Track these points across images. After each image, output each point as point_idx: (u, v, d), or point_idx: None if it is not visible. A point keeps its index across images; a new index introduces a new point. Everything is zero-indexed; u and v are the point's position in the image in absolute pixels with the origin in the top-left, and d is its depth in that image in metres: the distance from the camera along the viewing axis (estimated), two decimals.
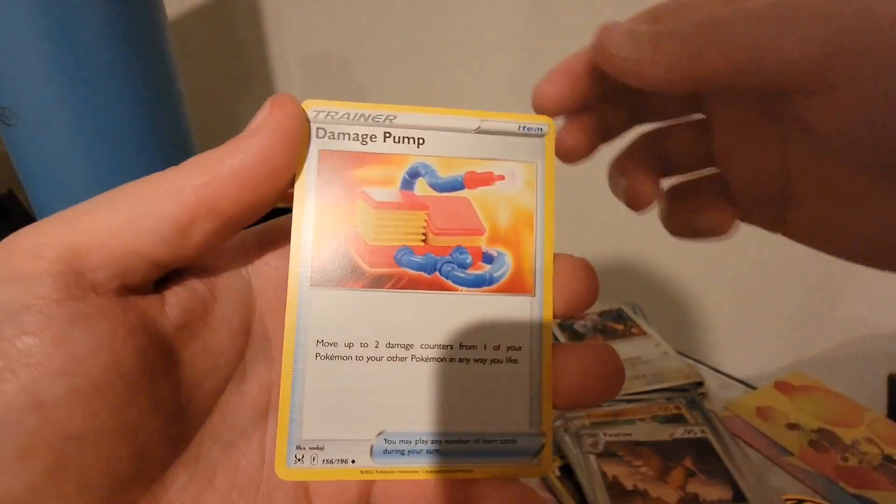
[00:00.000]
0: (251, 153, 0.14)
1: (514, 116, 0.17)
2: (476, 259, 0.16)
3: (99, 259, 0.13)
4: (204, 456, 0.15)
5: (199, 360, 0.15)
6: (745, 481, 0.40)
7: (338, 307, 0.16)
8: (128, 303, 0.13)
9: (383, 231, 0.16)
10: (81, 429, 0.12)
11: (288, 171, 0.15)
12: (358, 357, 0.16)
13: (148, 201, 0.13)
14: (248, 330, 0.16)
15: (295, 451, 0.15)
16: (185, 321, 0.14)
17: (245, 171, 0.14)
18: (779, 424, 0.49)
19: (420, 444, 0.16)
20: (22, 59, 0.52)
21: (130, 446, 0.13)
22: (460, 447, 0.16)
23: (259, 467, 0.16)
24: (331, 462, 0.16)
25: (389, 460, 0.16)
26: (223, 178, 0.14)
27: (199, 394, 0.15)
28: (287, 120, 0.14)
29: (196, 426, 0.15)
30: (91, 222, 0.13)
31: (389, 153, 0.16)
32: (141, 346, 0.13)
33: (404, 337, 0.16)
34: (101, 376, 0.12)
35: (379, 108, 0.16)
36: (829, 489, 0.42)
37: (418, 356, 0.16)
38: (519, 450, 0.16)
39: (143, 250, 0.13)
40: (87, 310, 0.12)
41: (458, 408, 0.16)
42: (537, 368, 0.17)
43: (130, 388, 0.13)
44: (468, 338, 0.16)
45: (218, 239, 0.14)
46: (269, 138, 0.14)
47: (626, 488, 0.40)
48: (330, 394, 0.16)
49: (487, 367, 0.16)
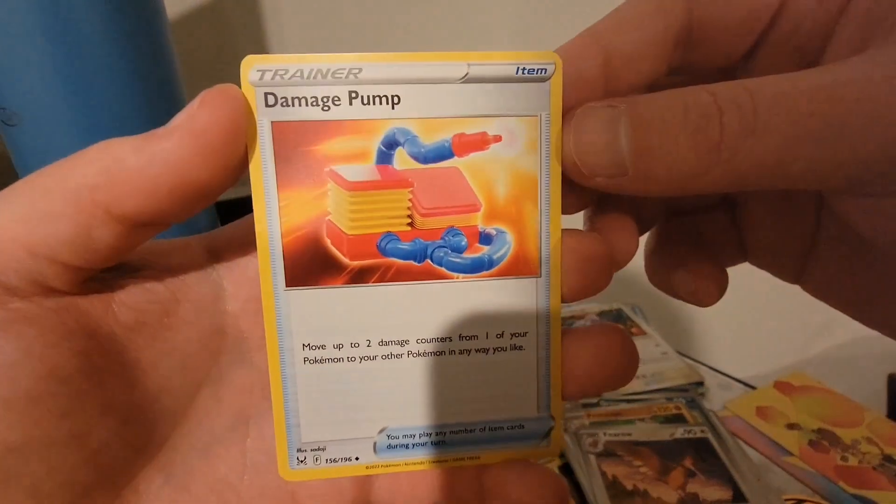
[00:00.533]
0: (157, 159, 0.12)
1: (509, 56, 0.14)
2: (472, 240, 0.14)
3: (3, 262, 0.12)
4: (180, 461, 0.14)
5: (163, 363, 0.14)
6: (745, 481, 0.40)
7: (320, 308, 0.14)
8: (61, 305, 0.13)
9: (361, 217, 0.14)
10: (23, 439, 0.11)
11: (206, 187, 0.12)
12: (350, 358, 0.15)
13: (42, 198, 0.12)
14: (222, 332, 0.15)
15: (296, 453, 0.15)
16: (138, 322, 0.14)
17: (146, 180, 0.12)
18: (779, 424, 0.49)
19: (424, 437, 0.15)
20: (22, 59, 0.52)
21: (83, 453, 0.12)
22: (466, 436, 0.15)
23: (240, 474, 0.15)
24: (334, 461, 0.15)
25: (394, 455, 0.15)
26: (122, 181, 0.12)
27: (168, 397, 0.14)
28: (212, 124, 0.12)
29: (169, 430, 0.14)
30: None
31: (358, 119, 0.13)
32: (81, 348, 0.12)
33: (398, 333, 0.15)
34: (36, 384, 0.12)
35: (339, 60, 0.13)
36: (829, 489, 0.42)
37: (415, 351, 0.15)
38: (527, 434, 0.16)
39: (46, 252, 0.12)
40: (8, 317, 0.12)
41: (462, 399, 0.15)
42: (545, 353, 0.15)
43: (74, 393, 0.12)
44: (468, 328, 0.15)
45: (133, 241, 0.13)
46: (181, 144, 0.12)
47: (625, 488, 0.40)
48: (325, 396, 0.15)
49: (490, 357, 0.15)
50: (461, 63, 0.14)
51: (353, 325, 0.14)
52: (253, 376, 0.16)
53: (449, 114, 0.14)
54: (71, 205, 0.12)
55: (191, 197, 0.12)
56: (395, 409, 0.15)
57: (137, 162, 0.12)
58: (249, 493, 0.15)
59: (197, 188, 0.12)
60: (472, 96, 0.14)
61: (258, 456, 0.15)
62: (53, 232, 0.12)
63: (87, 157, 0.12)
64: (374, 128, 0.14)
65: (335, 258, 0.14)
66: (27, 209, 0.12)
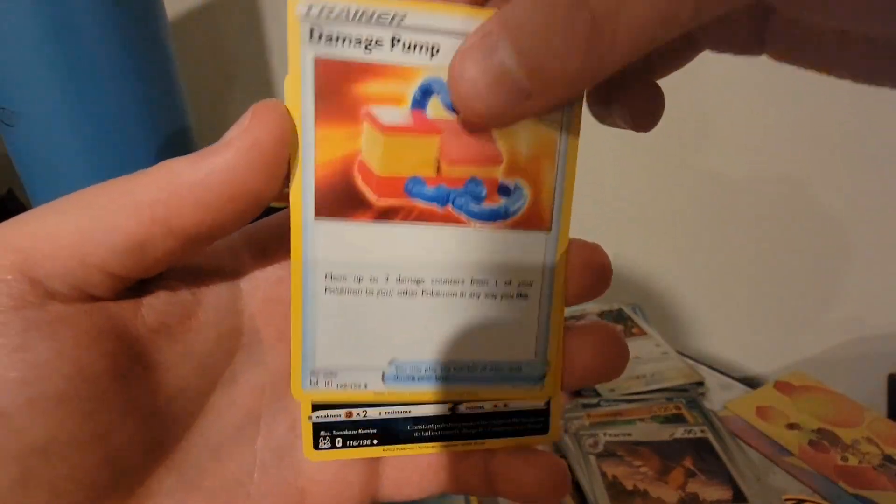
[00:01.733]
0: (216, 172, 0.12)
1: None
2: (491, 191, 0.15)
3: (51, 268, 0.12)
4: (192, 460, 0.14)
5: (182, 364, 0.14)
6: (745, 481, 0.40)
7: (345, 241, 0.15)
8: (95, 308, 0.13)
9: (393, 160, 0.14)
10: (47, 439, 0.12)
11: (259, 195, 0.13)
12: (368, 291, 0.15)
13: (101, 212, 0.12)
14: (238, 334, 0.16)
15: (310, 375, 0.15)
16: (162, 325, 0.14)
17: (206, 191, 0.12)
18: (779, 424, 0.49)
19: (430, 371, 0.16)
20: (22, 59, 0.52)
21: (103, 453, 0.12)
22: (468, 374, 0.16)
23: (250, 472, 0.15)
24: (344, 386, 0.16)
25: (401, 385, 0.16)
26: (181, 196, 0.12)
27: (184, 398, 0.14)
28: (265, 136, 0.13)
29: (182, 430, 0.15)
30: (42, 229, 0.12)
31: (398, 64, 0.14)
32: (110, 350, 0.13)
33: (415, 272, 0.15)
34: (65, 384, 0.12)
35: (385, 3, 0.13)
36: (829, 489, 0.42)
37: (429, 291, 0.16)
38: (524, 376, 0.17)
39: (97, 262, 0.12)
40: (45, 317, 0.12)
41: (468, 338, 0.16)
42: (547, 303, 0.16)
43: (99, 395, 0.12)
44: (480, 273, 0.16)
45: (181, 255, 0.14)
46: (238, 157, 0.13)
47: (626, 488, 0.40)
48: (341, 326, 0.15)
49: (498, 302, 0.16)
50: None
51: (375, 259, 0.15)
52: (265, 377, 0.16)
53: None
54: (131, 219, 0.12)
55: (245, 207, 0.13)
56: (406, 343, 0.16)
57: (196, 176, 0.12)
58: (259, 490, 0.15)
59: (251, 198, 0.13)
60: None
61: (268, 455, 0.16)
62: (109, 244, 0.12)
63: (148, 174, 0.13)
64: (412, 74, 0.14)
65: (363, 195, 0.15)
66: (85, 220, 0.12)
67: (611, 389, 0.51)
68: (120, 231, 0.12)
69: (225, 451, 0.15)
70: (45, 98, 0.53)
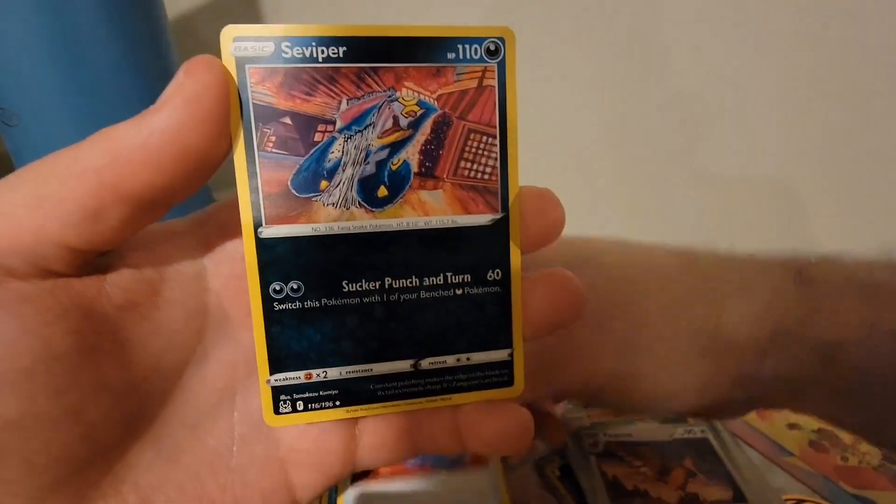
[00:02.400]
0: (156, 132, 0.12)
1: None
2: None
3: (6, 245, 0.12)
4: (168, 435, 0.15)
5: (152, 341, 0.14)
6: (745, 481, 0.40)
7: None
8: (57, 285, 0.13)
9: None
10: (18, 414, 0.12)
11: (205, 153, 0.13)
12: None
13: (49, 184, 0.12)
14: (205, 310, 0.16)
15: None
16: (128, 302, 0.14)
17: (150, 152, 0.12)
18: (779, 424, 0.49)
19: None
20: (22, 59, 0.52)
21: (77, 428, 0.13)
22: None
23: (228, 445, 0.15)
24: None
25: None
26: (126, 158, 0.12)
27: (156, 374, 0.15)
28: (202, 88, 0.13)
29: (158, 406, 0.15)
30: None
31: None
32: (76, 327, 0.13)
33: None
34: (31, 361, 0.12)
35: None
36: (829, 489, 0.42)
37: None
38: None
39: (52, 236, 0.12)
40: (6, 295, 0.12)
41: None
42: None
43: (69, 371, 0.12)
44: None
45: (139, 222, 0.14)
46: (176, 113, 0.12)
47: (626, 488, 0.40)
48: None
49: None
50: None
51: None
52: (237, 352, 0.16)
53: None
54: (78, 188, 0.12)
55: (192, 167, 0.13)
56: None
57: (138, 137, 0.12)
58: (240, 463, 0.16)
59: (197, 156, 0.13)
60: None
61: (245, 427, 0.16)
62: (60, 216, 0.12)
63: (89, 142, 0.13)
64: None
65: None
66: (33, 194, 0.12)
67: None
68: (70, 200, 0.12)
69: (202, 426, 0.15)
70: (45, 98, 0.53)
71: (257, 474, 0.16)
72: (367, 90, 0.15)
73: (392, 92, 0.15)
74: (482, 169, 0.16)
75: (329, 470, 0.16)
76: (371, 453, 0.17)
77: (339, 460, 0.17)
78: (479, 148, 0.16)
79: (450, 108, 0.15)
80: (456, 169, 0.16)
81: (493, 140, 0.16)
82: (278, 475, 0.16)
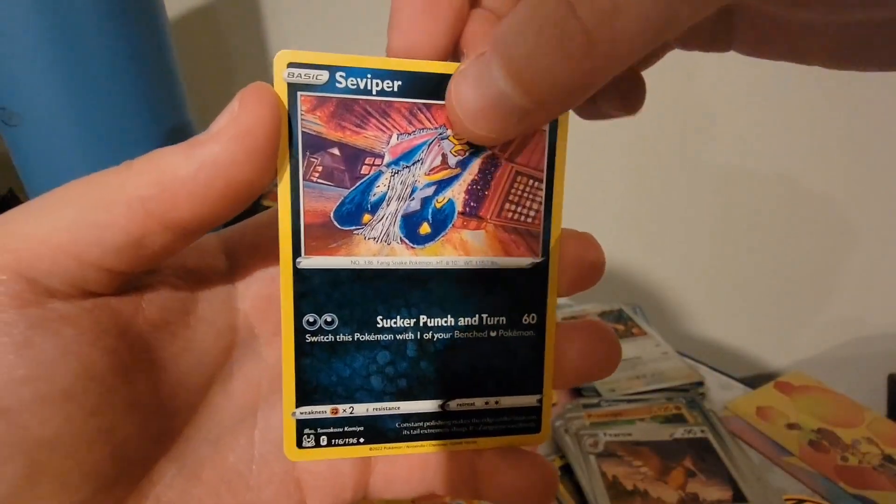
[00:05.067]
0: (207, 165, 0.12)
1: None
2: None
3: (48, 267, 0.12)
4: (191, 452, 0.15)
5: (182, 360, 0.15)
6: (745, 481, 0.40)
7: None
8: (96, 305, 0.13)
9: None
10: (55, 434, 0.12)
11: (251, 185, 0.13)
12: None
13: (95, 210, 0.12)
14: (234, 329, 0.16)
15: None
16: (163, 321, 0.14)
17: (198, 185, 0.12)
18: (779, 424, 0.49)
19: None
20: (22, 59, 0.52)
21: (109, 447, 0.13)
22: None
23: (248, 463, 0.15)
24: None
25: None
26: (174, 191, 0.12)
27: (184, 392, 0.15)
28: (255, 123, 0.12)
29: (182, 423, 0.15)
30: (36, 230, 0.12)
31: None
32: (113, 347, 0.13)
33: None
34: (70, 381, 0.12)
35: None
36: (829, 489, 0.42)
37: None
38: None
39: (94, 260, 0.12)
40: (47, 315, 0.12)
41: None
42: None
43: (105, 391, 0.13)
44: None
45: (179, 247, 0.14)
46: (228, 148, 0.12)
47: (626, 488, 0.40)
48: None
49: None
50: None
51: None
52: (261, 370, 0.16)
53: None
54: (123, 216, 0.12)
55: (239, 198, 0.13)
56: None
57: (188, 168, 0.12)
58: (258, 480, 0.15)
59: (245, 188, 0.13)
60: None
61: (265, 446, 0.16)
62: (103, 241, 0.12)
63: (137, 168, 0.13)
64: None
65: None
66: (78, 219, 0.12)
67: (611, 389, 0.51)
68: (116, 228, 0.12)
69: (224, 443, 0.15)
70: (45, 98, 0.53)
71: (274, 494, 0.16)
72: (419, 126, 0.15)
73: (443, 130, 0.15)
74: (526, 212, 0.16)
75: (341, 494, 0.16)
76: (384, 484, 0.17)
77: (352, 487, 0.16)
78: (525, 191, 0.16)
79: (499, 150, 0.15)
80: (500, 210, 0.16)
81: (539, 184, 0.16)
82: (294, 496, 0.16)
